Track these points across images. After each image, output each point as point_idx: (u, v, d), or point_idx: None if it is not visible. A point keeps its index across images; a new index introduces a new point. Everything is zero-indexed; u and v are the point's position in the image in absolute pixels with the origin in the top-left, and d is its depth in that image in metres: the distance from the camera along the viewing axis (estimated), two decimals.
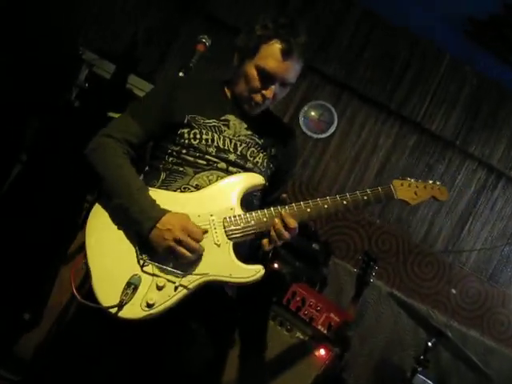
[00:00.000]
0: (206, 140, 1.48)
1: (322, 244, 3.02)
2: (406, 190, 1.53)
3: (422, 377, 2.77)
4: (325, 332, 2.39)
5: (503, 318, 3.30)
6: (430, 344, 2.44)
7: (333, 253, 3.21)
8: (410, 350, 3.16)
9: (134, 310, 1.30)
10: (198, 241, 1.34)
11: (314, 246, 2.91)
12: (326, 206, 1.45)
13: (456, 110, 3.29)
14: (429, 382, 2.90)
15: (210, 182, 1.46)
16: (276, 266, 2.59)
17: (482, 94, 3.29)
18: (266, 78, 1.46)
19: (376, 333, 3.21)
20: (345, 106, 3.36)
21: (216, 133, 1.50)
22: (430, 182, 1.59)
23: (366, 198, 1.47)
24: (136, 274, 1.33)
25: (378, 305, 3.22)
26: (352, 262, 3.24)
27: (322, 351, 2.29)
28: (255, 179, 1.49)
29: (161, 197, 1.41)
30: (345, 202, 1.46)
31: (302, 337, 2.36)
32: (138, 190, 1.39)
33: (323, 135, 3.35)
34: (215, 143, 1.49)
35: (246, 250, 1.48)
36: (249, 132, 1.55)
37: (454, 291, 3.25)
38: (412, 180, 1.56)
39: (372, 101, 3.33)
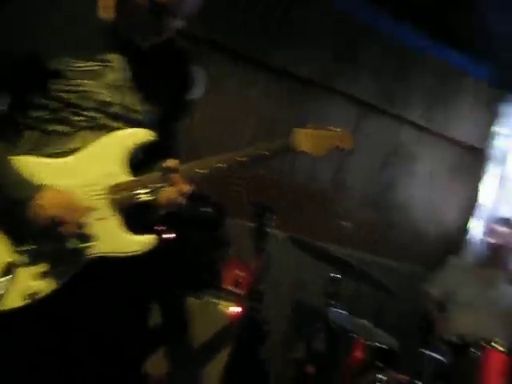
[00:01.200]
0: (83, 91, 1.22)
1: (214, 206, 2.96)
2: (308, 140, 1.42)
3: (335, 310, 2.89)
4: (234, 290, 2.37)
5: (395, 238, 3.55)
6: (334, 276, 2.54)
7: (227, 213, 3.16)
8: (319, 288, 3.26)
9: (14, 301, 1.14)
10: (79, 218, 1.17)
11: (206, 210, 2.83)
12: (223, 165, 1.34)
13: (319, 49, 3.29)
14: (343, 312, 3.05)
15: (89, 143, 1.24)
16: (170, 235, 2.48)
17: (342, 31, 3.33)
18: None
19: (284, 280, 3.27)
20: (209, 63, 3.24)
21: (94, 80, 1.24)
22: (332, 128, 1.49)
23: (266, 152, 1.37)
24: (11, 262, 1.15)
25: (280, 252, 3.26)
26: (247, 218, 3.21)
27: (235, 309, 2.27)
28: (140, 135, 1.29)
29: (30, 166, 1.19)
30: (244, 159, 1.36)
31: (212, 300, 2.31)
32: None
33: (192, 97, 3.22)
34: (94, 95, 1.24)
35: (136, 218, 1.31)
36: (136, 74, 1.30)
37: (346, 224, 3.39)
38: (313, 129, 1.45)
39: (236, 54, 3.23)
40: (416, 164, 3.56)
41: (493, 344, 2.08)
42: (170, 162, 1.28)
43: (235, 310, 2.28)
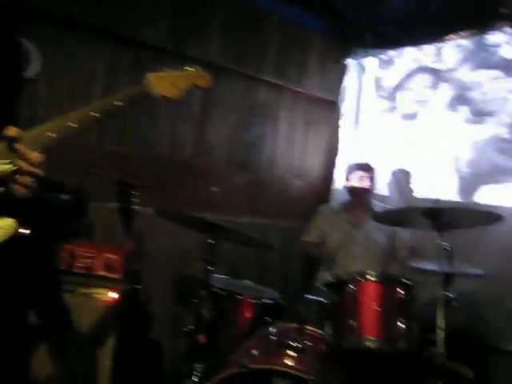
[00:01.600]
0: None
1: (73, 192, 2.73)
2: (163, 83, 1.35)
3: (217, 275, 2.87)
4: (107, 275, 2.22)
5: (265, 197, 3.61)
6: (211, 242, 2.50)
7: (89, 197, 2.95)
8: (198, 256, 3.21)
9: None
10: None
11: (63, 197, 2.60)
12: (74, 125, 1.19)
13: (165, 13, 3.14)
14: (225, 276, 3.05)
15: None
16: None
17: None
18: None
19: (162, 254, 3.18)
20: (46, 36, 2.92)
21: None
22: (186, 69, 1.44)
23: (119, 102, 1.26)
24: None
25: (154, 228, 3.14)
26: (113, 199, 3.02)
27: (111, 294, 2.14)
28: None
29: None
30: (96, 115, 1.24)
31: (85, 291, 2.15)
32: None
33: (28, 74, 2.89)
34: None
35: None
36: None
37: (215, 189, 3.37)
38: (167, 71, 1.39)
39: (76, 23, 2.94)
40: (276, 121, 3.63)
41: (366, 276, 2.21)
42: (10, 131, 1.15)
43: (112, 295, 2.14)
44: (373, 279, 2.20)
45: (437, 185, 3.26)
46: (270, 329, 2.43)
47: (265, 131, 3.59)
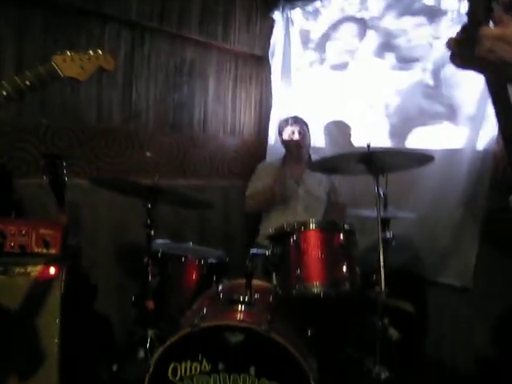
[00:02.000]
0: None
1: None
2: (70, 65, 1.41)
3: (159, 240, 2.83)
4: (44, 251, 2.11)
5: (199, 157, 3.55)
6: (149, 206, 2.45)
7: (13, 175, 2.78)
8: (136, 223, 3.14)
9: None
10: None
11: None
12: None
13: None
14: (165, 240, 3.01)
15: None
16: None
17: None
18: None
19: (100, 225, 3.09)
20: None
21: None
22: (91, 52, 1.49)
23: (28, 82, 1.31)
24: None
25: (89, 199, 3.03)
26: (40, 174, 2.86)
27: (51, 270, 2.05)
28: None
29: None
30: (4, 93, 1.27)
31: (22, 270, 2.04)
32: None
33: None
34: None
35: None
36: None
37: (148, 154, 3.28)
38: (73, 53, 1.43)
39: None
40: (204, 80, 3.54)
41: (307, 225, 2.25)
42: None
43: (51, 272, 2.05)
44: (314, 227, 2.25)
45: (370, 133, 3.33)
46: (218, 287, 2.44)
47: (193, 90, 3.50)
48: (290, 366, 1.95)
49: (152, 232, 2.46)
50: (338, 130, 3.51)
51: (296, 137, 3.20)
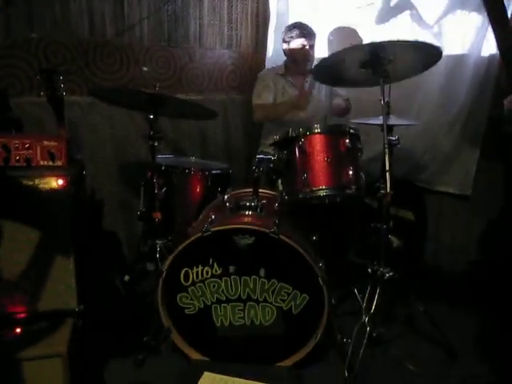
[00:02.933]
0: None
1: None
2: None
3: (161, 155, 2.83)
4: (50, 163, 2.10)
5: (196, 71, 3.46)
6: (151, 117, 2.42)
7: (8, 94, 2.70)
8: (139, 138, 3.13)
9: None
10: None
11: None
12: None
13: None
14: (169, 156, 3.01)
15: None
16: None
17: None
18: None
19: (101, 143, 3.06)
20: None
21: None
22: None
23: None
24: None
25: (88, 117, 2.98)
26: (35, 91, 2.80)
27: (60, 181, 2.04)
28: None
29: None
30: None
31: (30, 183, 2.04)
32: None
33: None
34: None
35: None
36: None
37: (145, 68, 3.19)
38: None
39: None
40: None
41: (312, 130, 2.23)
42: None
43: (59, 183, 2.04)
44: (320, 131, 2.24)
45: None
46: (224, 196, 2.47)
47: (188, 1, 3.34)
48: (299, 267, 2.02)
49: (156, 143, 2.45)
50: (343, 37, 3.38)
51: (306, 51, 3.09)
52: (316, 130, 2.23)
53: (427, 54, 2.20)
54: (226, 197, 2.46)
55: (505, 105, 2.28)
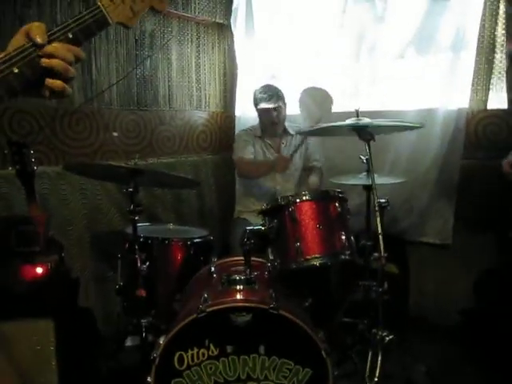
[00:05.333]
0: None
1: None
2: (119, 6, 1.04)
3: (140, 224, 2.70)
4: (26, 249, 1.95)
5: (167, 134, 3.39)
6: (130, 190, 2.30)
7: None
8: (115, 211, 3.00)
9: None
10: None
11: None
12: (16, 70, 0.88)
13: None
14: (144, 224, 2.88)
15: None
16: None
17: None
18: None
19: (72, 214, 2.90)
20: None
21: None
22: None
23: (71, 34, 0.95)
24: None
25: (57, 187, 2.83)
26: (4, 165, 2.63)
27: (38, 270, 1.89)
28: None
29: None
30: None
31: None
32: None
33: None
34: None
35: None
36: None
37: (115, 134, 3.10)
38: None
39: None
40: (167, 52, 3.35)
41: (302, 197, 2.19)
42: None
43: (37, 271, 1.90)
44: (309, 198, 2.20)
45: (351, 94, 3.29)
46: (211, 267, 2.36)
47: (156, 64, 3.31)
48: (301, 341, 1.92)
49: (137, 217, 2.33)
50: (313, 99, 3.43)
51: (272, 114, 3.09)
52: (305, 198, 2.19)
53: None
54: (212, 268, 2.35)
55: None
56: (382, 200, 2.24)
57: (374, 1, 3.19)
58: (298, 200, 2.19)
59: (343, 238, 2.17)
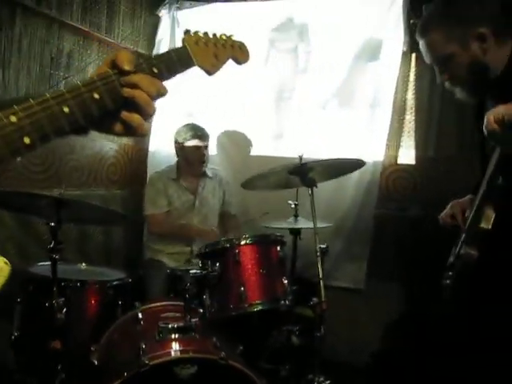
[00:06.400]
0: None
1: None
2: (204, 51, 1.00)
3: (41, 263, 2.37)
4: None
5: (75, 163, 3.10)
6: (52, 225, 2.03)
7: None
8: (10, 247, 2.61)
9: None
10: None
11: None
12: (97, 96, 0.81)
13: None
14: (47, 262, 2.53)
15: None
16: None
17: None
18: None
19: None
20: None
21: None
22: (225, 36, 1.08)
23: (156, 69, 0.89)
24: None
25: None
26: None
27: None
28: None
29: None
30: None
31: None
32: None
33: None
34: None
35: None
36: None
37: (18, 159, 2.72)
38: (205, 35, 1.03)
39: None
40: (83, 74, 3.08)
41: (242, 241, 2.12)
42: None
43: None
44: (252, 241, 2.13)
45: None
46: (138, 314, 2.14)
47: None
48: None
49: (57, 256, 2.05)
50: (232, 142, 3.41)
51: (202, 152, 3.00)
52: (249, 240, 2.12)
53: (350, 165, 2.32)
54: (139, 314, 2.13)
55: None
56: (323, 246, 2.25)
57: (296, 52, 3.33)
58: (242, 242, 2.11)
59: (285, 282, 2.14)
